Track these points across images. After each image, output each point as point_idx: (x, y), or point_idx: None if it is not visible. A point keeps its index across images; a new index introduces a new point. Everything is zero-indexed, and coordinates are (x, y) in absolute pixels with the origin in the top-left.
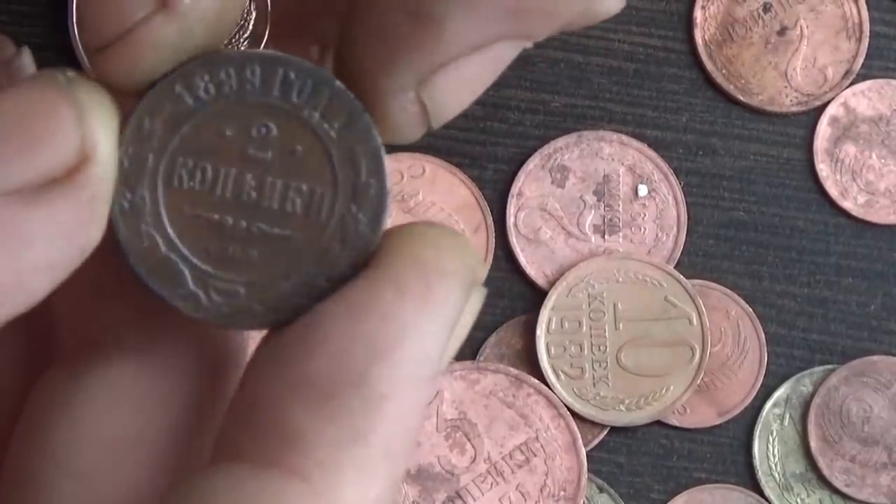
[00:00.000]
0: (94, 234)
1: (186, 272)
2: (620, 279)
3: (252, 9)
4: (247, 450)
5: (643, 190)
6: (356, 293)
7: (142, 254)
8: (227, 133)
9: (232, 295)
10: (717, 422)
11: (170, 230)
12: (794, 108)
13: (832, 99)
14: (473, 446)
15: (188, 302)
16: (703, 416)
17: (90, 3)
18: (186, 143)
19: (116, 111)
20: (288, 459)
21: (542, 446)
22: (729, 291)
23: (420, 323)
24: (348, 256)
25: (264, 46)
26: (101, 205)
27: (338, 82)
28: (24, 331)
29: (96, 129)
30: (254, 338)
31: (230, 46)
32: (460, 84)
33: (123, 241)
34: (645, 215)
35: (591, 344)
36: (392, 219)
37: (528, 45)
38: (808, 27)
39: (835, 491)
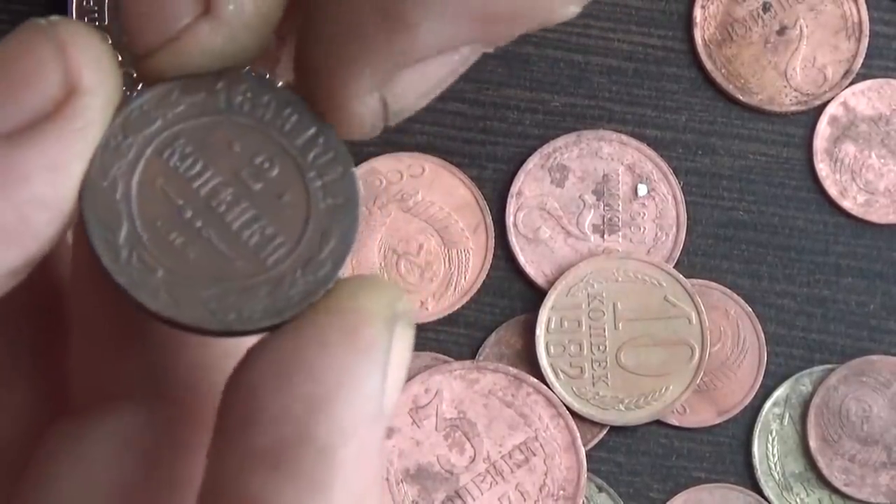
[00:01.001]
0: (87, 157)
1: (125, 227)
2: (620, 279)
3: None
4: None
5: (643, 189)
6: (283, 356)
7: (97, 190)
8: (235, 147)
9: (149, 269)
10: (717, 421)
11: (134, 186)
12: (793, 108)
13: (832, 98)
14: (473, 446)
15: (110, 252)
16: (702, 416)
17: (135, 11)
18: (197, 132)
19: (105, 45)
20: None
21: (541, 446)
22: (728, 291)
23: (349, 370)
24: (266, 306)
25: None
26: (97, 132)
27: (345, 146)
28: (34, 380)
29: (79, 62)
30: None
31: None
32: (422, 83)
33: (89, 172)
34: (644, 215)
35: (591, 343)
36: (391, 218)
37: (490, 49)
38: (807, 27)
39: (834, 490)
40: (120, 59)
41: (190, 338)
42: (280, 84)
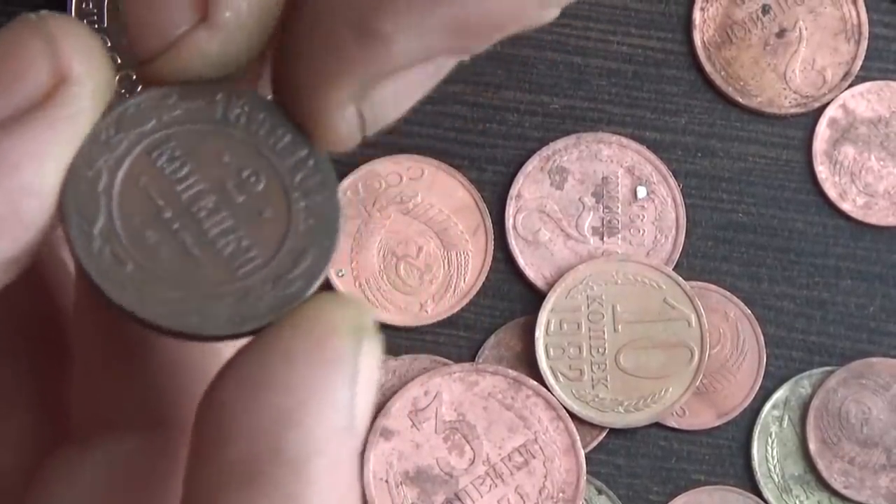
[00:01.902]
0: (77, 146)
1: (102, 218)
2: (619, 281)
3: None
4: None
5: (642, 192)
6: (252, 371)
7: (80, 179)
8: (225, 158)
9: (120, 262)
10: (716, 423)
11: (118, 180)
12: (793, 110)
13: (831, 101)
14: (472, 448)
15: (84, 241)
16: (701, 418)
17: (133, 18)
18: (189, 138)
19: (94, 36)
20: None
21: (540, 448)
22: (728, 293)
23: (317, 382)
24: (230, 314)
25: None
26: (86, 121)
27: (333, 170)
28: (36, 409)
29: (68, 52)
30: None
31: None
32: (398, 94)
33: (75, 160)
34: (644, 217)
35: (590, 346)
36: (390, 220)
37: (466, 57)
38: (807, 29)
39: (834, 493)
40: (119, 60)
41: (188, 366)
42: (273, 103)
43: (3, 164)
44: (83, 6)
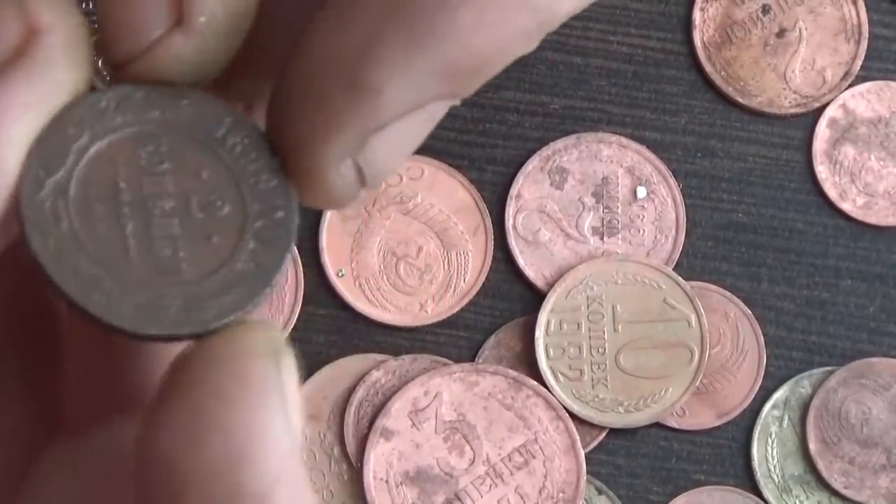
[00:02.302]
0: (59, 98)
1: (61, 173)
2: (619, 281)
3: None
4: None
5: (642, 192)
6: (191, 418)
7: (61, 131)
8: (203, 175)
9: (56, 218)
10: (716, 424)
11: (95, 148)
12: (792, 110)
13: (831, 101)
14: (472, 448)
15: (33, 183)
16: (701, 418)
17: (109, 22)
18: (180, 142)
19: None
20: None
21: (541, 448)
22: (728, 293)
23: (254, 416)
24: (130, 312)
25: None
26: (62, 70)
27: (295, 232)
28: (29, 404)
29: (35, 5)
30: None
31: None
32: (395, 144)
33: (64, 110)
34: (644, 217)
35: (590, 346)
36: (390, 220)
37: (457, 102)
38: (807, 29)
39: (834, 493)
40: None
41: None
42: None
43: None
44: (83, 5)
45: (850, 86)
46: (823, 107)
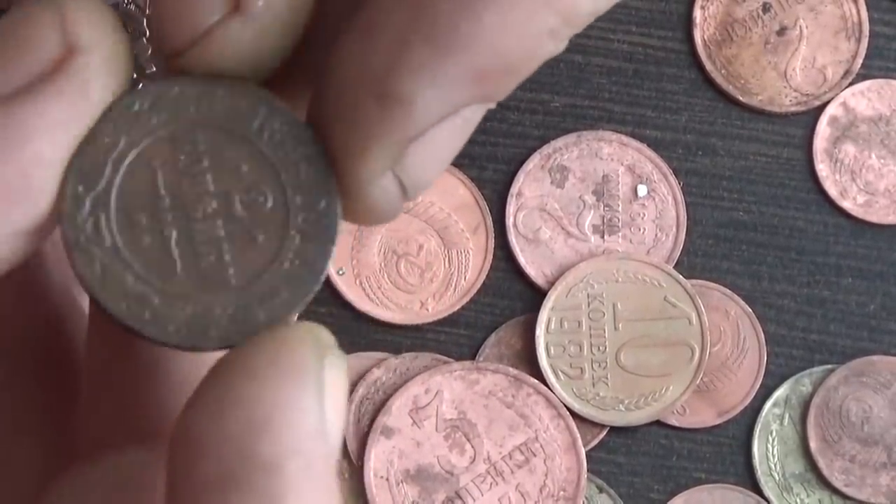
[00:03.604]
0: (93, 116)
1: (100, 186)
2: (620, 279)
3: None
4: None
5: (642, 190)
6: (216, 393)
7: (97, 142)
8: (243, 168)
9: (98, 234)
10: (717, 422)
11: (133, 155)
12: (793, 109)
13: (831, 99)
14: (473, 446)
15: (73, 200)
16: (702, 416)
17: (164, 9)
18: (219, 139)
19: (105, 8)
20: None
21: (541, 446)
22: (728, 291)
23: (282, 392)
24: (179, 324)
25: None
26: (97, 90)
27: (339, 227)
28: (41, 431)
29: (76, 22)
30: None
31: None
32: (433, 153)
33: (99, 122)
34: (644, 215)
35: (591, 344)
36: None
37: (492, 105)
38: (807, 27)
39: (834, 491)
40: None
41: (196, 382)
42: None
43: (17, 136)
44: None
45: (851, 84)
46: (824, 105)
